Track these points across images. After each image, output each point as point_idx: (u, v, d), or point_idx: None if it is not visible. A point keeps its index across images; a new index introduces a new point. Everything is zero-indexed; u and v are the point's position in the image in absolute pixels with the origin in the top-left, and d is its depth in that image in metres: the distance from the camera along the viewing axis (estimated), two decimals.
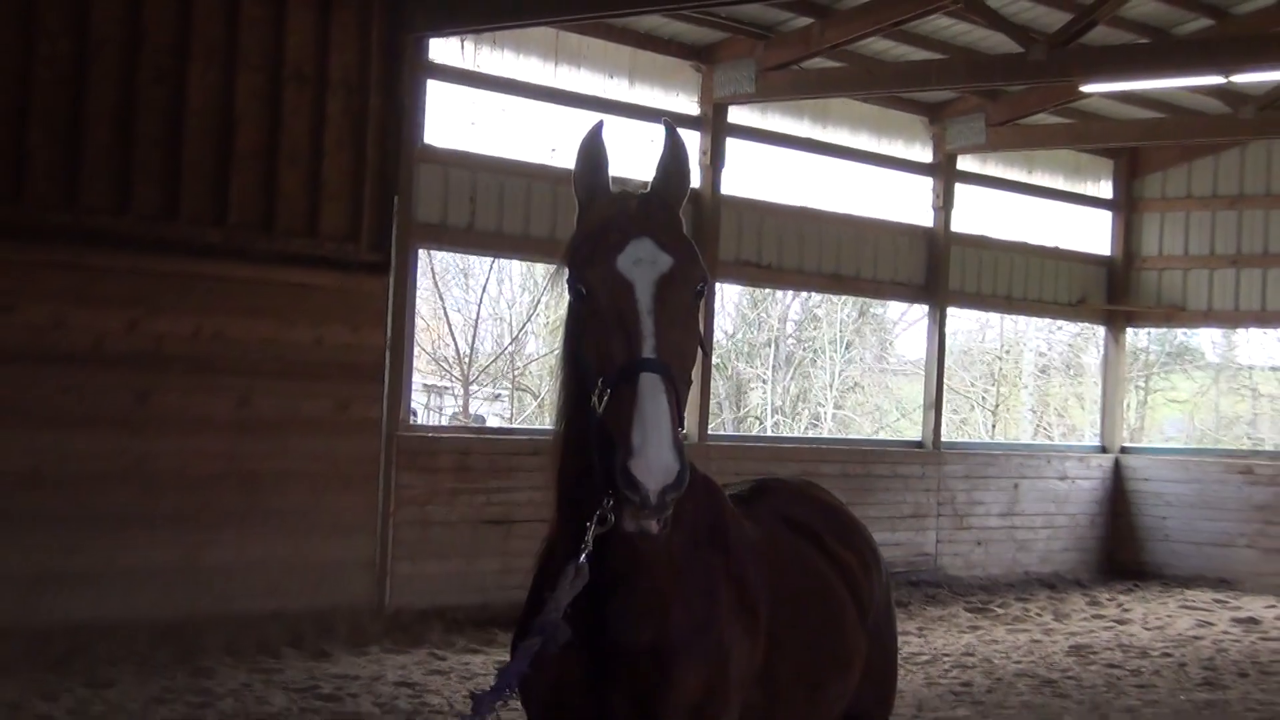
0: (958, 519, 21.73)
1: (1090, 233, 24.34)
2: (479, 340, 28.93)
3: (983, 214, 22.69)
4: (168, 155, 14.13)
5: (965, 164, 22.18)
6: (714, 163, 18.70)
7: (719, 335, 27.98)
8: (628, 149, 16.10)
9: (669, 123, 4.87)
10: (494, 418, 28.51)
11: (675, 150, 4.79)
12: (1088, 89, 19.31)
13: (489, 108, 17.06)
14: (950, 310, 22.44)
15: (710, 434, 19.59)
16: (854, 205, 20.93)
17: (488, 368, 29.35)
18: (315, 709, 11.97)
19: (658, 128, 4.83)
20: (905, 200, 21.65)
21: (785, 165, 20.12)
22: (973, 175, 22.43)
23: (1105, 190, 24.46)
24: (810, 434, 30.36)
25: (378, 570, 15.49)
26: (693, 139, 18.45)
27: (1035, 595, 20.86)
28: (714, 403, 25.10)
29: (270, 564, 14.61)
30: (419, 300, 17.98)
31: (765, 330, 32.56)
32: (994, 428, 33.54)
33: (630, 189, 4.78)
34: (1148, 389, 32.91)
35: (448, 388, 29.19)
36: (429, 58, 16.27)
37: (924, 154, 21.69)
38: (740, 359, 32.08)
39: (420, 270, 18.02)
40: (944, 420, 22.44)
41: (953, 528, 21.66)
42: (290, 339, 14.86)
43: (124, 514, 13.73)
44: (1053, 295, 23.84)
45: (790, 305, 32.47)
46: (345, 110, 15.24)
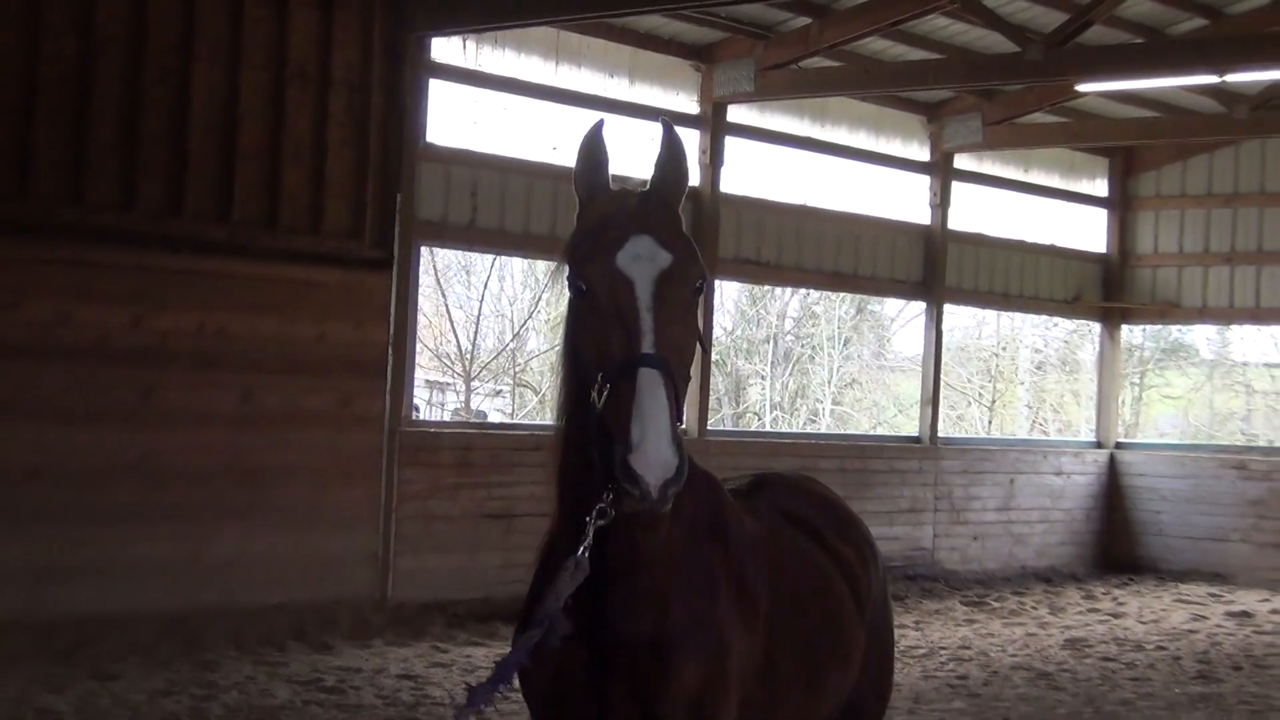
0: (954, 514, 21.73)
1: (1086, 230, 24.33)
2: (480, 336, 28.93)
3: (979, 212, 22.68)
4: (172, 153, 14.13)
5: (962, 162, 22.18)
6: (713, 161, 18.69)
7: (718, 332, 27.99)
8: (628, 148, 16.05)
9: (667, 121, 4.86)
10: (495, 413, 28.51)
11: (673, 149, 4.79)
12: (1083, 88, 19.30)
13: (490, 106, 17.05)
14: (947, 307, 22.42)
15: (710, 429, 19.60)
16: (852, 203, 20.92)
17: (489, 364, 29.34)
18: (318, 701, 11.97)
19: (657, 126, 4.82)
20: (903, 198, 21.64)
21: (784, 164, 20.11)
22: (969, 174, 22.42)
23: (1100, 188, 24.46)
24: (808, 429, 30.33)
25: (380, 564, 15.49)
26: (692, 138, 18.45)
27: (1031, 589, 20.86)
28: (713, 398, 25.11)
29: (274, 558, 14.61)
30: (421, 297, 17.97)
31: (764, 327, 32.56)
32: (990, 423, 33.54)
33: (630, 187, 4.78)
34: (1143, 385, 32.91)
35: (450, 383, 29.18)
36: (431, 57, 16.26)
37: (921, 152, 21.69)
38: (739, 355, 32.09)
39: (422, 267, 18.03)
40: (941, 416, 22.44)
41: (949, 522, 21.66)
42: (293, 335, 14.86)
43: (129, 508, 13.73)
44: (1049, 292, 23.84)
45: (789, 302, 32.48)
46: (348, 109, 15.23)
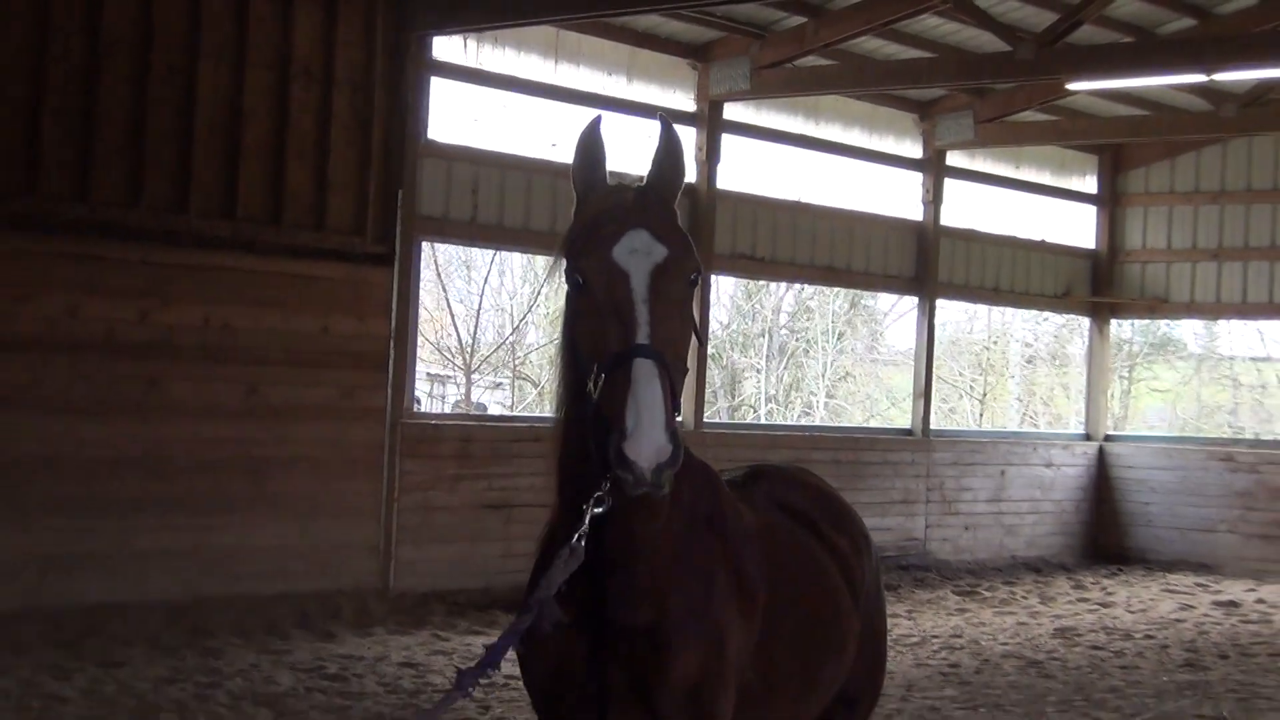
0: (946, 505, 21.74)
1: (1075, 226, 24.34)
2: (480, 330, 28.94)
3: (971, 208, 22.69)
4: (178, 150, 14.13)
5: (954, 159, 22.18)
6: (710, 158, 18.69)
7: (714, 326, 27.98)
8: (626, 145, 16.08)
9: (665, 118, 4.86)
10: (495, 406, 28.51)
11: (670, 145, 4.79)
12: (1073, 87, 19.27)
13: (491, 104, 17.05)
14: (939, 302, 22.42)
15: (706, 422, 19.61)
16: (846, 199, 20.92)
17: (489, 357, 29.35)
18: (321, 688, 11.97)
19: (655, 124, 4.82)
20: (896, 195, 21.65)
21: (779, 160, 20.10)
22: (961, 170, 22.42)
23: (1090, 185, 24.46)
24: (803, 422, 30.35)
25: (382, 554, 15.49)
26: (689, 135, 18.44)
27: (1021, 579, 20.87)
28: (709, 391, 25.15)
29: (277, 548, 14.62)
30: (422, 291, 17.99)
31: (759, 321, 32.56)
32: (981, 416, 33.55)
33: (626, 182, 4.78)
34: (1131, 379, 32.91)
35: (450, 376, 29.18)
36: (432, 55, 16.25)
37: (914, 150, 21.68)
38: (735, 349, 32.09)
39: (424, 262, 18.03)
40: (933, 409, 22.46)
41: (941, 513, 21.67)
42: (297, 329, 14.86)
43: (135, 499, 13.74)
44: (1039, 287, 23.85)
45: (784, 297, 32.47)
46: (351, 107, 15.23)
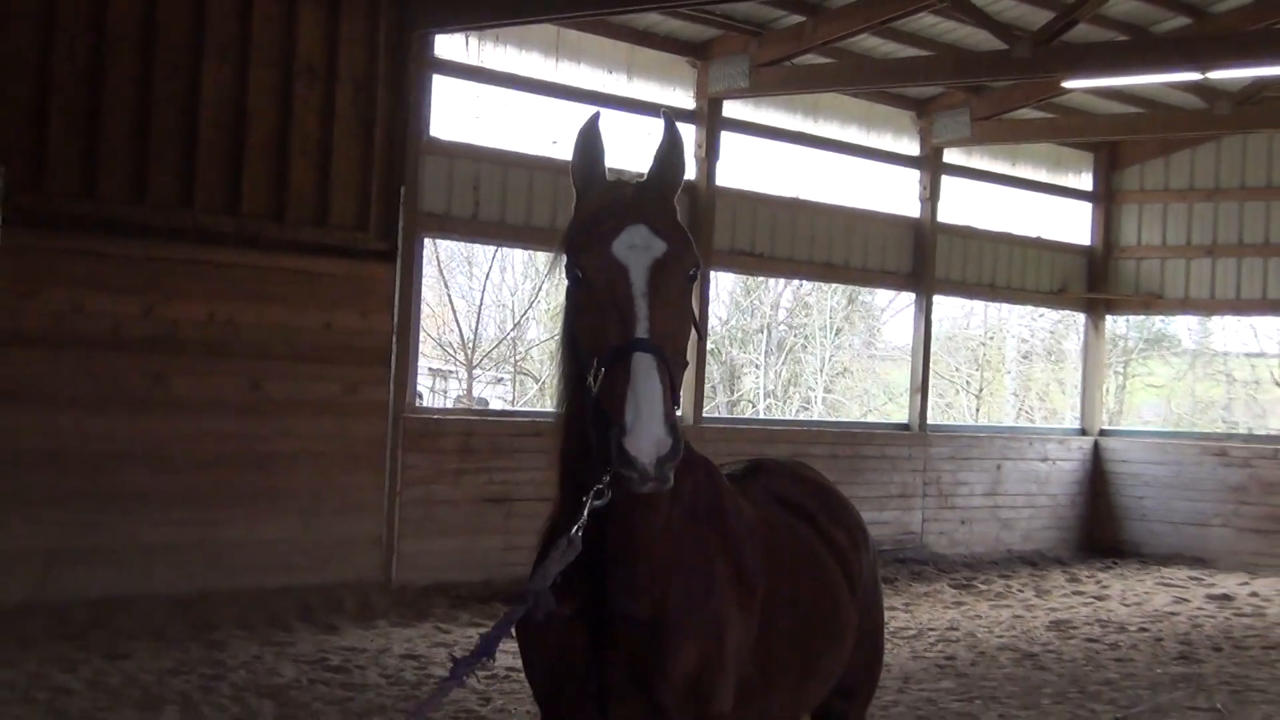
0: (943, 499, 21.74)
1: (1071, 223, 24.32)
2: (482, 326, 28.93)
3: (968, 205, 22.67)
4: (182, 148, 14.12)
5: (951, 157, 22.16)
6: (709, 155, 18.67)
7: (713, 322, 27.96)
8: (626, 142, 16.10)
9: (668, 115, 4.86)
10: (496, 400, 28.51)
11: (672, 141, 4.79)
12: (1069, 85, 19.28)
13: (492, 102, 17.04)
14: (936, 298, 22.42)
15: (705, 416, 19.60)
16: (844, 196, 20.90)
17: (490, 352, 29.35)
18: (324, 680, 11.97)
19: (656, 121, 4.82)
20: (893, 192, 21.63)
21: (777, 158, 20.09)
22: (958, 168, 22.41)
23: (1086, 182, 24.45)
24: (801, 417, 30.33)
25: (384, 547, 15.49)
26: (688, 132, 18.42)
27: (1017, 572, 20.87)
28: (709, 387, 25.15)
29: (281, 541, 14.62)
30: (424, 287, 17.99)
31: (758, 317, 32.55)
32: (978, 411, 33.54)
33: (626, 178, 4.78)
34: (1126, 374, 32.89)
35: (452, 371, 29.18)
36: (434, 54, 16.24)
37: (911, 147, 21.67)
38: (734, 345, 32.08)
39: (426, 258, 18.03)
40: (930, 404, 22.45)
41: (938, 507, 21.66)
42: (300, 324, 14.86)
43: (140, 492, 13.74)
44: (1035, 284, 23.84)
45: (782, 293, 32.46)
46: (354, 104, 15.22)
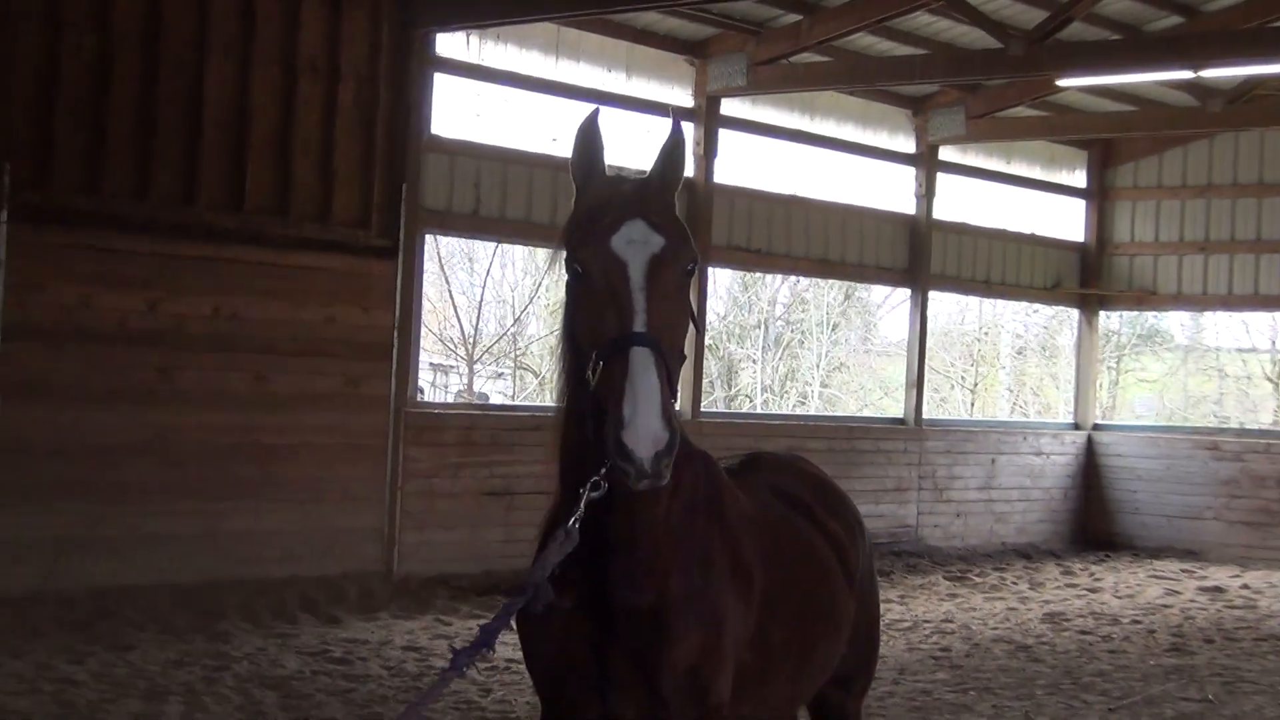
0: (938, 492, 21.74)
1: (1065, 220, 24.32)
2: (483, 321, 28.94)
3: (963, 202, 22.67)
4: (186, 144, 14.12)
5: (946, 154, 22.16)
6: (707, 152, 18.66)
7: (711, 317, 27.94)
8: (625, 139, 16.10)
9: (677, 113, 4.87)
10: (497, 395, 28.51)
11: (678, 139, 4.80)
12: (1063, 83, 19.28)
13: (493, 99, 17.04)
14: (931, 294, 22.41)
15: (703, 411, 19.62)
16: (840, 193, 20.90)
17: (491, 347, 29.35)
18: (326, 671, 11.97)
19: (655, 119, 4.84)
20: (889, 189, 21.62)
21: (775, 155, 20.09)
22: (953, 165, 22.41)
23: (1079, 179, 24.44)
24: (798, 411, 30.34)
25: (386, 539, 15.50)
26: (687, 129, 18.31)
27: (1011, 565, 20.87)
28: (706, 382, 25.14)
29: (284, 533, 14.63)
30: (426, 283, 17.99)
31: (755, 313, 32.55)
32: (973, 406, 33.54)
33: (625, 174, 4.78)
34: (1119, 369, 32.90)
35: (453, 366, 29.18)
36: (436, 52, 16.24)
37: (907, 145, 21.67)
38: (731, 340, 32.08)
39: (427, 254, 18.03)
40: (925, 398, 22.43)
41: (933, 500, 21.67)
42: (303, 319, 14.86)
43: (145, 485, 13.75)
44: (1029, 280, 23.84)
45: (779, 289, 32.46)
46: (356, 102, 15.22)
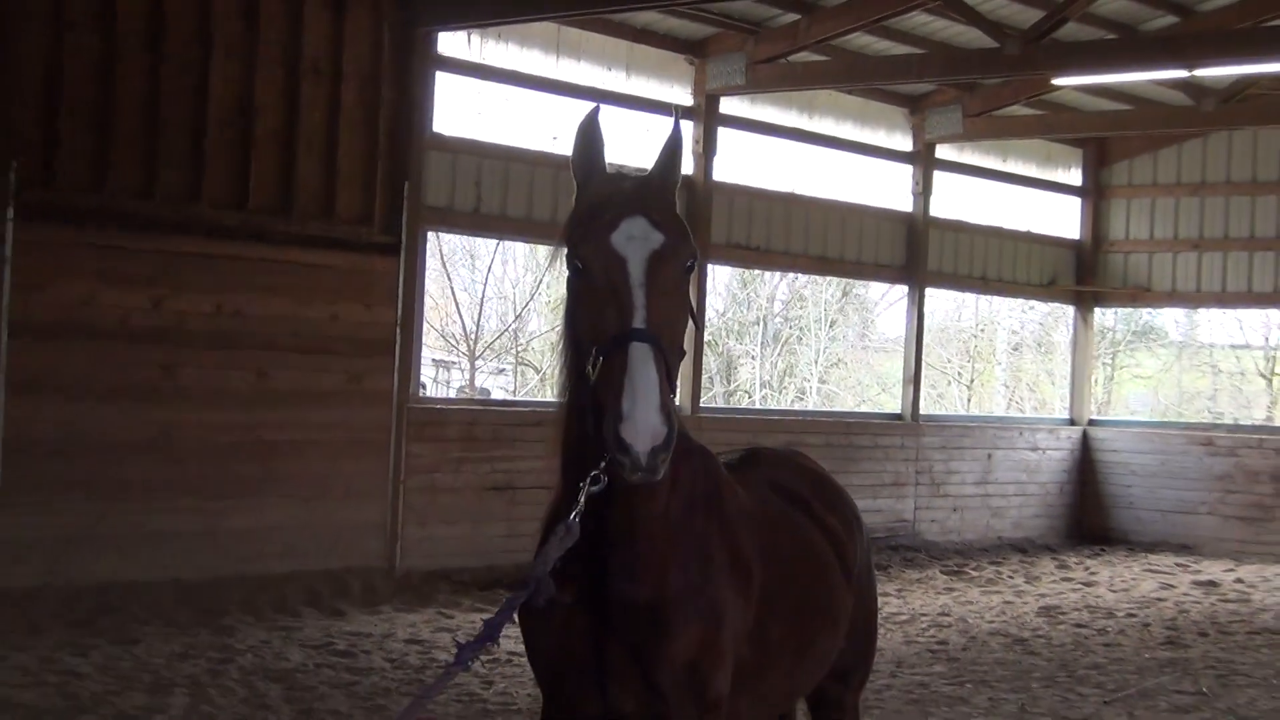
0: (935, 487, 21.73)
1: (1060, 218, 24.32)
2: (484, 318, 28.90)
3: (959, 200, 22.66)
4: (191, 143, 14.11)
5: (943, 152, 22.15)
6: (706, 151, 18.65)
7: (710, 314, 27.93)
8: (625, 137, 16.09)
9: (679, 112, 4.86)
10: (498, 391, 28.50)
11: (677, 137, 4.79)
12: (1059, 82, 19.26)
13: (494, 98, 17.02)
14: (928, 290, 22.40)
15: (702, 406, 19.61)
16: (838, 191, 20.90)
17: (492, 344, 29.32)
18: (330, 664, 11.96)
19: (654, 117, 4.82)
20: (886, 186, 21.62)
21: (774, 153, 20.08)
22: (950, 163, 22.40)
23: (1075, 177, 24.44)
24: (796, 407, 30.32)
25: (389, 534, 15.49)
26: (686, 128, 18.30)
27: (1007, 559, 20.87)
28: (706, 377, 25.11)
29: (287, 528, 14.62)
30: (428, 280, 17.98)
31: (754, 309, 32.52)
32: (969, 401, 33.53)
33: (625, 172, 4.77)
34: (1114, 365, 32.89)
35: (455, 362, 29.16)
36: (437, 51, 16.23)
37: (904, 143, 21.66)
38: (731, 336, 32.06)
39: (429, 252, 18.01)
40: (922, 394, 22.44)
41: (930, 495, 21.66)
42: (306, 316, 14.85)
43: (149, 481, 13.74)
44: (1025, 276, 23.84)
45: (778, 286, 32.42)
46: (359, 101, 15.21)
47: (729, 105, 19.13)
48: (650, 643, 4.68)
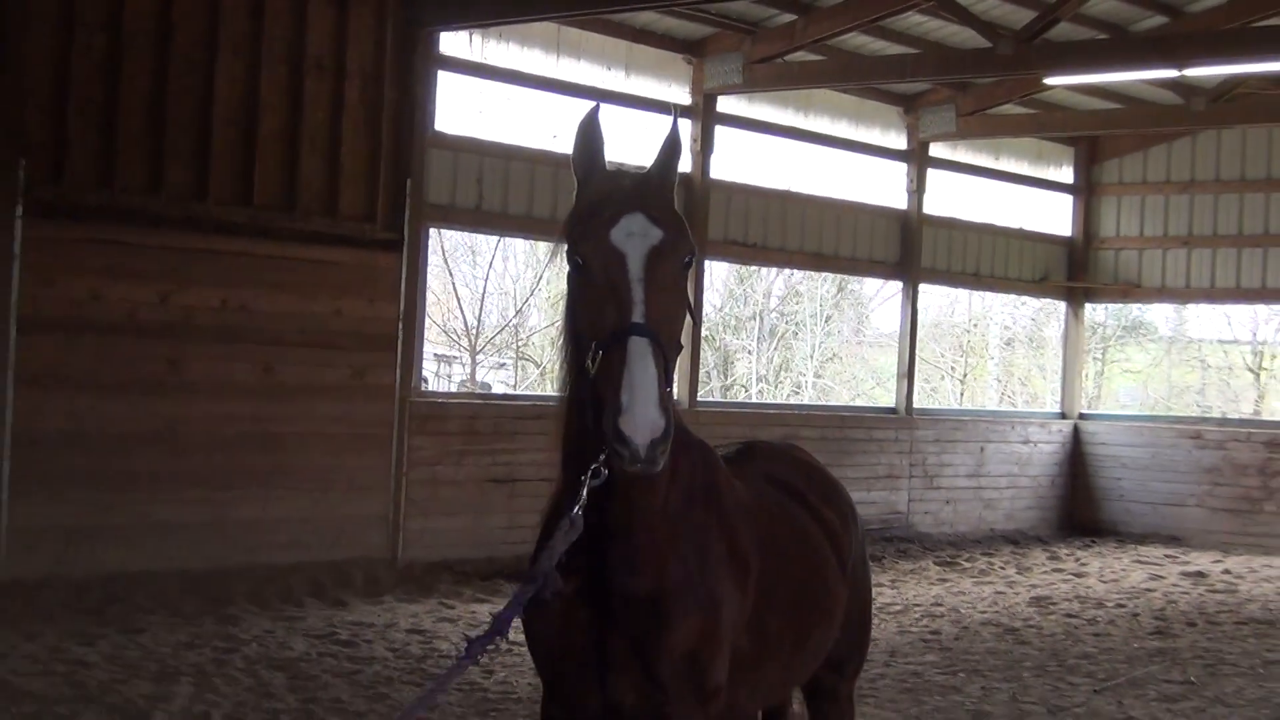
0: (928, 479, 21.74)
1: (1052, 215, 24.32)
2: (485, 313, 28.89)
3: (953, 197, 22.66)
4: (197, 140, 14.10)
5: (937, 151, 22.14)
6: (704, 149, 18.64)
7: (708, 309, 27.96)
8: (624, 136, 16.07)
9: (678, 110, 4.86)
10: (499, 385, 28.50)
11: (677, 136, 4.79)
12: (1051, 81, 19.26)
13: (495, 97, 17.01)
14: (922, 286, 22.39)
15: (700, 400, 19.58)
16: (834, 189, 20.89)
17: (493, 339, 29.32)
18: (333, 654, 11.96)
19: (653, 116, 4.82)
20: (881, 184, 21.61)
21: (770, 151, 20.07)
22: (943, 161, 22.39)
23: (1066, 175, 24.42)
24: (792, 401, 30.33)
25: (391, 525, 15.49)
26: (684, 126, 18.32)
27: (1000, 550, 20.87)
28: (703, 372, 25.12)
29: (292, 520, 14.61)
30: (430, 276, 17.98)
31: (751, 305, 32.52)
32: (962, 395, 33.54)
33: (625, 170, 4.77)
34: (1105, 360, 32.88)
35: (456, 357, 29.15)
36: (440, 50, 16.22)
37: (899, 141, 21.64)
38: (727, 331, 32.05)
39: (431, 248, 17.99)
40: (916, 388, 22.44)
41: (923, 488, 21.66)
42: (311, 311, 14.84)
43: (156, 473, 13.73)
44: (1017, 273, 23.83)
45: (774, 282, 32.41)
46: (362, 99, 15.19)
47: (726, 104, 19.12)
48: (650, 634, 4.68)
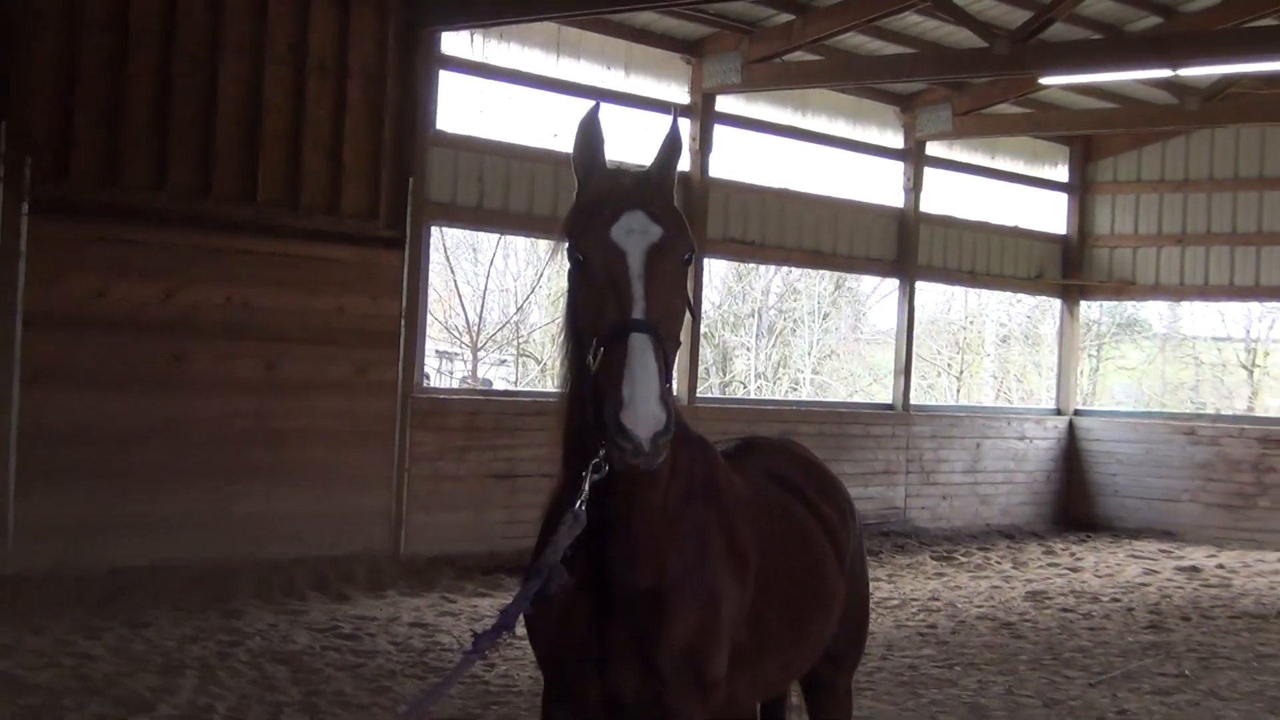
0: (925, 475, 21.74)
1: (1047, 213, 24.32)
2: (486, 310, 28.86)
3: (949, 196, 22.65)
4: (201, 139, 14.09)
5: (933, 150, 22.13)
6: (703, 147, 18.63)
7: (707, 306, 27.95)
8: (624, 135, 16.07)
9: (677, 110, 4.86)
10: (500, 381, 28.49)
11: (676, 134, 4.80)
12: (1046, 81, 19.24)
13: (496, 96, 17.00)
14: (919, 284, 22.40)
15: (699, 396, 19.57)
16: (831, 187, 20.88)
17: (494, 335, 29.30)
18: (336, 647, 11.97)
19: (652, 115, 4.82)
20: (878, 183, 21.60)
21: (768, 150, 20.06)
22: (940, 160, 22.38)
23: (1061, 174, 24.42)
24: (790, 397, 30.31)
25: (394, 520, 15.48)
26: (684, 126, 18.30)
27: (995, 545, 20.88)
28: (702, 368, 25.11)
29: (295, 514, 14.60)
30: (431, 273, 17.94)
31: (749, 302, 32.51)
32: (958, 392, 33.52)
33: (625, 168, 4.77)
34: (1099, 357, 32.87)
35: (458, 353, 29.13)
36: (441, 50, 16.21)
37: (895, 140, 21.64)
38: (726, 328, 32.04)
39: (433, 246, 17.96)
40: (913, 385, 22.43)
41: (920, 483, 21.66)
42: (314, 308, 14.83)
43: (160, 468, 13.72)
44: (1013, 270, 23.82)
45: (772, 279, 32.40)
46: (364, 98, 15.18)
47: (725, 103, 19.12)
48: (650, 628, 4.68)
